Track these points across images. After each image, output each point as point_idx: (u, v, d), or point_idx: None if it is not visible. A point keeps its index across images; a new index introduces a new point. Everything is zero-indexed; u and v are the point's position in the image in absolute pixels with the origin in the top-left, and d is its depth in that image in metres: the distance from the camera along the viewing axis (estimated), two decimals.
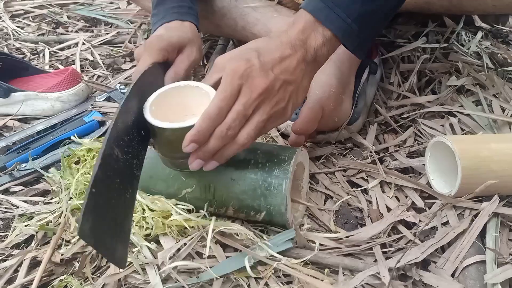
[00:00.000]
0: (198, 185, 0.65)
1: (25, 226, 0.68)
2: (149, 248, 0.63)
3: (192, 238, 0.63)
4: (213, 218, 0.64)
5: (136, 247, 0.63)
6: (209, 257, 0.61)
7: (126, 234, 0.53)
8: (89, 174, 0.71)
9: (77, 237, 0.65)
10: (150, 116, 0.58)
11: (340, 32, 0.63)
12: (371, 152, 0.78)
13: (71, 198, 0.70)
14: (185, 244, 0.63)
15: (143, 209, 0.66)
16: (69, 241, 0.66)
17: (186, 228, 0.64)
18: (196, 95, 0.62)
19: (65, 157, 0.77)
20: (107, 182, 0.50)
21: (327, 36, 0.63)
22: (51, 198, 0.74)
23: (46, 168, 0.80)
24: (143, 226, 0.65)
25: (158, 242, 0.64)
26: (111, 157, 0.51)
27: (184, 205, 0.65)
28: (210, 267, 0.59)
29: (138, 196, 0.67)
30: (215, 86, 0.60)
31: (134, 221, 0.65)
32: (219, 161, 0.60)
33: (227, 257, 0.62)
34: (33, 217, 0.70)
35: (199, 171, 0.60)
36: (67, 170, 0.75)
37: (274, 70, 0.59)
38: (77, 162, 0.77)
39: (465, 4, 0.88)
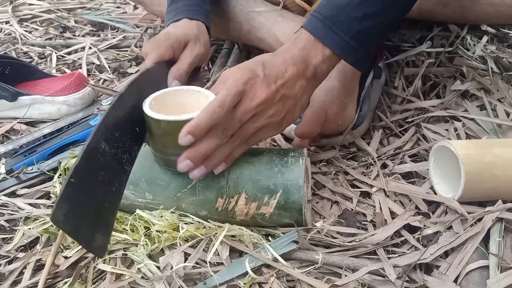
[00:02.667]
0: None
1: (28, 228, 0.69)
2: (154, 264, 0.63)
3: (199, 243, 0.64)
4: (226, 225, 0.64)
5: (140, 263, 0.62)
6: (217, 262, 0.62)
7: (108, 224, 0.54)
8: None
9: (75, 248, 0.66)
10: (148, 108, 0.60)
11: (338, 49, 0.65)
12: (373, 159, 0.78)
13: None
14: (190, 247, 0.63)
15: (147, 227, 0.66)
16: (69, 246, 0.67)
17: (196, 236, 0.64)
18: (196, 99, 0.63)
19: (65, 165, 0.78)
20: (89, 173, 0.51)
21: (326, 53, 0.65)
22: (53, 202, 0.75)
23: (54, 170, 0.80)
24: (147, 244, 0.64)
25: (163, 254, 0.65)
26: (97, 150, 0.52)
27: (190, 217, 0.66)
28: (216, 272, 0.60)
29: (141, 213, 0.67)
30: None
31: (139, 239, 0.65)
32: (206, 167, 0.61)
33: (232, 260, 0.62)
34: (38, 219, 0.71)
35: None
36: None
37: (276, 83, 0.62)
38: None
39: (467, 14, 0.89)
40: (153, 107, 0.60)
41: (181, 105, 0.64)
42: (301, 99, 0.66)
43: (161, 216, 0.66)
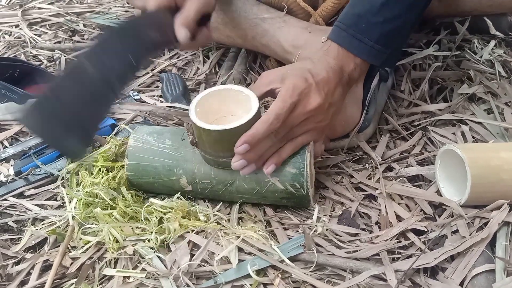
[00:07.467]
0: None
1: (36, 229, 0.70)
2: (159, 258, 0.64)
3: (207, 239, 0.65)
4: (242, 232, 0.65)
5: (146, 255, 0.64)
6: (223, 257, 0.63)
7: (87, 132, 0.63)
8: (91, 186, 0.72)
9: (83, 247, 0.67)
10: (196, 118, 0.63)
11: (365, 55, 0.69)
12: (376, 165, 0.78)
13: (75, 207, 0.72)
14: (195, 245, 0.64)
15: (159, 217, 0.69)
16: (75, 246, 0.67)
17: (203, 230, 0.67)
18: (236, 97, 0.67)
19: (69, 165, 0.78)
20: (69, 88, 0.59)
21: (357, 61, 0.70)
22: (63, 202, 0.76)
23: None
24: (157, 238, 0.66)
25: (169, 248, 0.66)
26: (78, 68, 0.61)
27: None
28: (222, 271, 0.61)
29: (154, 201, 0.70)
30: (262, 98, 0.66)
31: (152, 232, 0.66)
32: (257, 165, 0.65)
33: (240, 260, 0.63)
34: (45, 220, 0.72)
35: None
36: (72, 180, 0.77)
37: (325, 90, 0.66)
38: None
39: (461, 4, 0.89)
40: (199, 114, 0.63)
41: (224, 104, 0.68)
42: (339, 105, 0.70)
43: (171, 201, 0.70)
